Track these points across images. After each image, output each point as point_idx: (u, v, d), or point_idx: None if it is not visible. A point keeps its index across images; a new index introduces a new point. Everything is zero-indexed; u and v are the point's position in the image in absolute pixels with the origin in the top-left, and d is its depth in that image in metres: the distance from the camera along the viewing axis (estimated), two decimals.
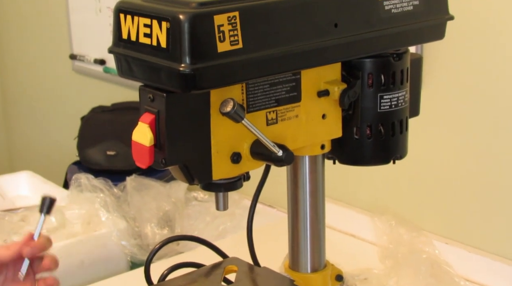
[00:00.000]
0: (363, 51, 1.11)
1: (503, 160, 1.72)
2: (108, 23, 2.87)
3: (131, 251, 1.95)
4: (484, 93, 1.72)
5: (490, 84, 1.71)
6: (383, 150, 1.19)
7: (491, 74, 1.71)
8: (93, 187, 2.07)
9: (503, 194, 1.73)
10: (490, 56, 1.69)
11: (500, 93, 1.70)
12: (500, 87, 1.69)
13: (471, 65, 1.73)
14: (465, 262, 1.77)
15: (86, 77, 3.09)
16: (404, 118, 1.19)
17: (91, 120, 2.62)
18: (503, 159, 1.72)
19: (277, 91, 1.07)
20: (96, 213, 1.97)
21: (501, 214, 1.75)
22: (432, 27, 1.18)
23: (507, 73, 1.67)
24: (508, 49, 1.66)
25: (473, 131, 1.77)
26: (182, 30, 0.92)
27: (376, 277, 1.76)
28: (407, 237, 1.83)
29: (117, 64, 1.03)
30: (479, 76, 1.73)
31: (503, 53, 1.67)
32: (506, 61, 1.67)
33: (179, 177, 1.05)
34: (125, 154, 2.49)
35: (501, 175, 1.73)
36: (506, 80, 1.68)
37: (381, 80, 1.15)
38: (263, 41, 0.98)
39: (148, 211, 2.05)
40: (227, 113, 0.98)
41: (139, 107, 2.69)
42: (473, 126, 1.77)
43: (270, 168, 1.20)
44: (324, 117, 1.13)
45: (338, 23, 1.05)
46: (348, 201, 2.02)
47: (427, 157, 1.81)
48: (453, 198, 1.84)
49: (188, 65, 0.92)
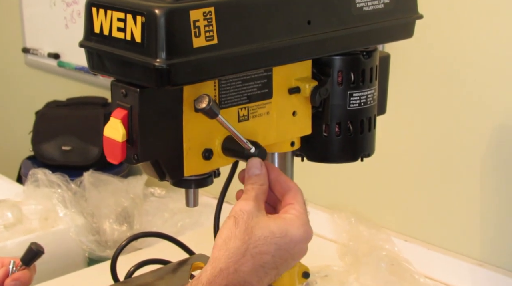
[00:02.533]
0: (335, 48, 1.11)
1: (463, 158, 1.74)
2: (62, 17, 2.84)
3: (89, 247, 1.93)
4: (446, 92, 1.74)
5: (452, 83, 1.73)
6: (352, 147, 1.19)
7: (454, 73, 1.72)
8: (50, 182, 2.04)
9: (462, 192, 1.75)
10: (455, 55, 1.71)
11: (463, 93, 1.71)
12: (462, 87, 1.71)
13: (435, 64, 1.75)
14: (424, 259, 1.78)
15: (40, 72, 3.05)
16: (372, 116, 1.19)
17: (46, 115, 2.59)
18: (463, 157, 1.74)
19: (249, 88, 1.07)
20: (53, 208, 1.95)
21: (459, 212, 1.77)
22: (401, 26, 1.19)
23: (470, 72, 1.69)
24: (474, 47, 1.68)
25: (433, 129, 1.78)
26: (158, 25, 0.91)
27: (336, 274, 1.76)
28: (367, 234, 1.84)
29: (88, 59, 1.01)
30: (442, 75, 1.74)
31: (468, 52, 1.69)
32: (471, 60, 1.69)
33: (150, 173, 1.04)
34: (81, 149, 2.47)
35: (460, 173, 1.75)
36: (468, 80, 1.70)
37: (351, 78, 1.15)
38: (238, 37, 0.97)
39: (106, 207, 2.04)
40: (202, 110, 0.97)
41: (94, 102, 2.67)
42: (433, 125, 1.78)
43: (237, 164, 1.20)
44: (295, 115, 1.13)
45: (311, 20, 1.05)
46: (308, 198, 2.01)
47: (386, 155, 1.82)
48: (412, 195, 1.86)
49: (164, 60, 0.91)
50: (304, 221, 0.98)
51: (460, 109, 1.72)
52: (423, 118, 1.80)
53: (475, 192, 1.73)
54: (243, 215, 0.95)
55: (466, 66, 1.70)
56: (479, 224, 1.74)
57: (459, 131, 1.73)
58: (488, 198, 1.72)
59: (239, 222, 0.94)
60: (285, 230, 0.95)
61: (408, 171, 1.86)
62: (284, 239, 0.95)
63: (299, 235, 0.96)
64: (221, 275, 0.93)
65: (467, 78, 1.70)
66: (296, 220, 0.97)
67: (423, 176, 1.83)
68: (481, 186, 1.72)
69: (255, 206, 0.96)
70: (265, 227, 0.95)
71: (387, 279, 1.71)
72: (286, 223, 0.96)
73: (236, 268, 0.93)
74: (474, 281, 1.73)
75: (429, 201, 1.83)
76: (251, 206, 0.96)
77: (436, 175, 1.80)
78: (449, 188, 1.78)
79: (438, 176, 1.80)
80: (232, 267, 0.93)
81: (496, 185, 1.70)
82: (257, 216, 0.95)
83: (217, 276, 0.93)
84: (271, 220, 0.96)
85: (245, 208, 0.96)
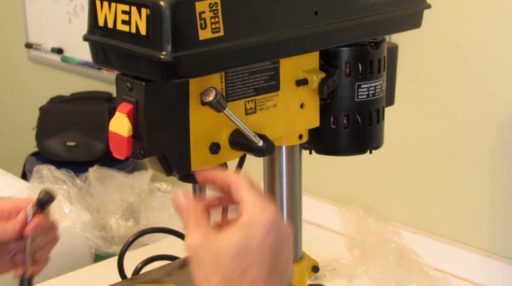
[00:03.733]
0: (342, 39, 1.09)
1: (472, 149, 1.72)
2: (65, 11, 2.83)
3: (95, 243, 1.92)
4: (455, 83, 1.73)
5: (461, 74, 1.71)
6: (360, 139, 1.17)
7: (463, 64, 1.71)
8: (55, 179, 2.03)
9: (471, 183, 1.74)
10: (464, 45, 1.70)
11: (471, 84, 1.70)
12: (470, 78, 1.70)
13: (444, 54, 1.74)
14: (433, 251, 1.77)
15: (43, 67, 3.03)
16: (381, 108, 1.18)
17: (50, 110, 2.58)
18: (471, 149, 1.73)
19: (255, 80, 1.05)
20: (59, 205, 1.93)
21: (468, 203, 1.75)
22: (409, 16, 1.17)
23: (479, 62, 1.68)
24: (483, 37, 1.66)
25: (442, 120, 1.77)
26: (163, 17, 0.89)
27: (344, 267, 1.75)
28: (375, 227, 1.83)
29: (92, 53, 1.00)
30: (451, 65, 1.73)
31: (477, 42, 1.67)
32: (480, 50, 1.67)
33: (157, 168, 1.03)
34: (85, 144, 2.46)
35: (469, 164, 1.74)
36: (476, 70, 1.68)
37: (359, 69, 1.13)
38: (244, 28, 0.96)
39: (112, 203, 2.02)
40: (209, 103, 0.95)
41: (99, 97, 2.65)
42: (441, 116, 1.77)
43: (245, 158, 1.18)
44: (303, 107, 1.11)
45: (319, 11, 1.04)
46: (315, 192, 2.01)
47: (394, 146, 1.81)
48: (420, 187, 1.85)
49: (170, 53, 0.89)
50: (256, 210, 0.83)
51: (469, 100, 1.71)
52: (431, 110, 1.78)
53: (484, 183, 1.72)
54: (197, 251, 0.82)
55: (475, 56, 1.68)
56: (488, 215, 1.73)
57: (468, 123, 1.72)
58: (497, 189, 1.70)
59: (198, 260, 0.83)
60: (246, 234, 0.82)
61: (417, 162, 1.84)
62: (251, 244, 0.81)
63: (264, 229, 0.82)
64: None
65: (475, 68, 1.68)
66: (252, 216, 0.83)
67: (431, 167, 1.81)
68: (490, 177, 1.71)
69: (200, 233, 0.83)
70: (227, 247, 0.81)
71: (396, 271, 1.70)
72: (244, 226, 0.82)
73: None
74: (484, 272, 1.72)
75: (437, 192, 1.81)
76: (197, 236, 0.83)
77: (445, 167, 1.79)
78: (457, 180, 1.77)
79: (446, 167, 1.78)
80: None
81: (505, 176, 1.69)
82: (211, 242, 0.82)
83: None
84: (226, 235, 0.82)
85: (194, 243, 0.83)
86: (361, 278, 1.73)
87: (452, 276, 1.74)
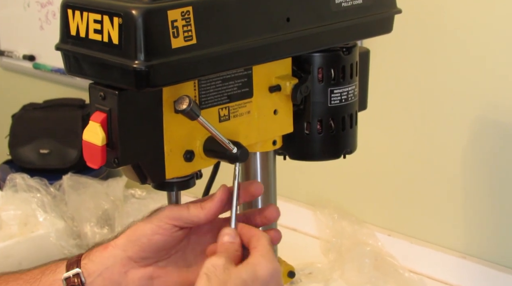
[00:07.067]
0: (314, 45, 1.10)
1: (445, 152, 1.74)
2: (37, 18, 2.81)
3: (70, 252, 1.90)
4: (427, 86, 1.74)
5: (432, 77, 1.73)
6: (334, 144, 1.18)
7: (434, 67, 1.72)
8: (28, 187, 2.01)
9: (445, 185, 1.75)
10: (435, 49, 1.71)
11: (443, 87, 1.71)
12: (442, 81, 1.71)
13: (415, 58, 1.75)
14: (408, 253, 1.78)
15: (15, 74, 3.01)
16: (354, 113, 1.19)
17: (22, 118, 2.56)
18: (444, 151, 1.74)
19: (229, 87, 1.05)
20: (33, 213, 1.92)
21: (442, 205, 1.77)
22: (380, 21, 1.18)
23: (449, 66, 1.69)
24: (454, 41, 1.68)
25: (415, 123, 1.78)
26: (135, 26, 0.89)
27: (320, 271, 1.76)
28: (350, 230, 1.84)
29: (65, 62, 1.00)
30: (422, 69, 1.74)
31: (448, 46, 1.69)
32: (451, 54, 1.68)
33: (131, 177, 1.03)
34: (59, 152, 2.44)
35: (442, 166, 1.75)
36: (448, 74, 1.70)
37: (331, 74, 1.14)
38: (217, 36, 0.96)
39: (86, 210, 2.01)
40: (183, 111, 0.96)
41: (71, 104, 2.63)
42: (414, 119, 1.78)
43: (219, 165, 1.18)
44: (276, 113, 1.11)
45: (290, 18, 1.04)
46: (290, 195, 2.02)
47: (368, 150, 1.82)
48: (394, 190, 1.86)
49: (142, 62, 0.89)
50: (269, 259, 0.98)
51: (441, 104, 1.72)
52: (404, 113, 1.79)
53: (457, 185, 1.73)
54: (215, 270, 0.95)
55: (446, 60, 1.69)
56: (462, 217, 1.74)
57: (440, 125, 1.73)
58: (471, 191, 1.72)
59: (211, 278, 0.94)
60: (254, 272, 0.96)
61: (390, 166, 1.85)
62: (255, 282, 0.96)
63: (268, 273, 0.96)
64: None
65: (447, 72, 1.70)
66: (262, 260, 0.97)
67: (405, 170, 1.83)
68: (463, 180, 1.72)
69: (226, 260, 0.96)
70: (238, 278, 0.95)
71: (372, 274, 1.71)
72: (254, 265, 0.97)
73: None
74: (458, 273, 1.73)
75: (411, 195, 1.82)
76: (222, 260, 0.96)
77: (418, 169, 1.80)
78: (431, 182, 1.78)
79: (420, 170, 1.80)
80: None
81: (478, 178, 1.70)
82: (228, 268, 0.95)
83: None
84: (241, 268, 0.96)
85: (217, 263, 0.96)
86: (337, 281, 1.74)
87: (427, 277, 1.75)
